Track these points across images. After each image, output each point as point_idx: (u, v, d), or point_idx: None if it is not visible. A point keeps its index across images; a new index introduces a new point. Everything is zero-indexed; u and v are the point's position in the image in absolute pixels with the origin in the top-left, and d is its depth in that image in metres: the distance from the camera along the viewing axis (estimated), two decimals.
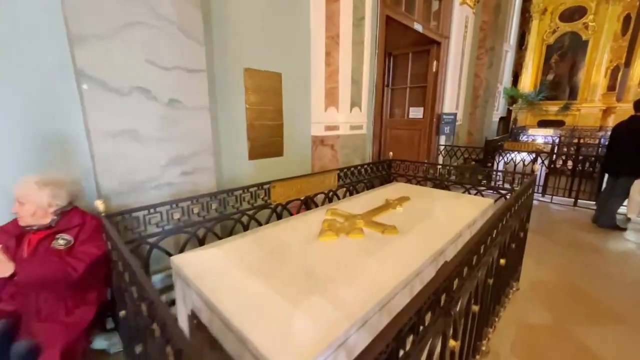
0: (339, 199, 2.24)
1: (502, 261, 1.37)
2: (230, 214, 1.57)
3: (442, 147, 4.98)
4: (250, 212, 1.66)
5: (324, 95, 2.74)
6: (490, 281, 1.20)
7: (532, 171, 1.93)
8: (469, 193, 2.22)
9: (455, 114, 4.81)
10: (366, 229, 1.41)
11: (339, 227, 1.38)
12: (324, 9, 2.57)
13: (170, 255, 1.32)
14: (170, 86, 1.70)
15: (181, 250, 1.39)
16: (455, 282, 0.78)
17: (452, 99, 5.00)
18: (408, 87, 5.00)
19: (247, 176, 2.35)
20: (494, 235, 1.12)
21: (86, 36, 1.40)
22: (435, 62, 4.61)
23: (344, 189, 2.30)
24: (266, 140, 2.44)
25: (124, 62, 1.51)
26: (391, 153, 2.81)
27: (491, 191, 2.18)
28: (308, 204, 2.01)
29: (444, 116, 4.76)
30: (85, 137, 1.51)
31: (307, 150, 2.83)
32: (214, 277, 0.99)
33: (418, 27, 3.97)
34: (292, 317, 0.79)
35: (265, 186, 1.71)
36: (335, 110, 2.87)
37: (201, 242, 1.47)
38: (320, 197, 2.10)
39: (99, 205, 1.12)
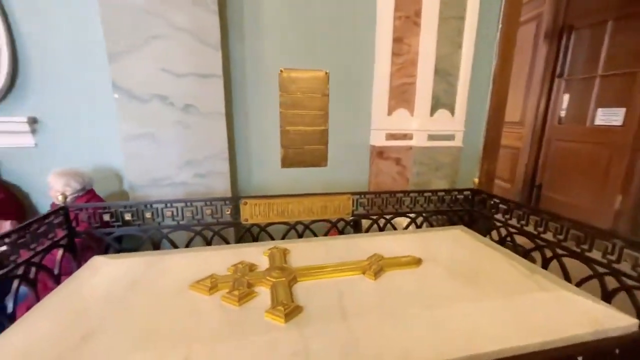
0: (352, 230, 1.68)
1: None
2: (190, 225, 1.47)
3: None
4: (216, 228, 1.50)
5: (389, 94, 2.12)
6: None
7: None
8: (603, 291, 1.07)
9: None
10: (264, 292, 0.94)
11: (235, 279, 0.99)
12: None
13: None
14: (185, 92, 1.78)
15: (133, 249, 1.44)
16: None
17: None
18: (598, 75, 3.15)
19: (279, 185, 2.18)
20: None
21: (118, 52, 1.67)
22: None
23: (370, 221, 1.69)
24: (304, 148, 2.17)
25: (144, 72, 1.71)
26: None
27: None
28: (302, 231, 1.60)
29: None
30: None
31: (363, 163, 2.31)
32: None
33: None
34: None
35: (231, 202, 1.49)
36: (408, 114, 2.18)
37: (156, 247, 1.47)
38: (322, 225, 1.63)
39: (59, 197, 1.33)
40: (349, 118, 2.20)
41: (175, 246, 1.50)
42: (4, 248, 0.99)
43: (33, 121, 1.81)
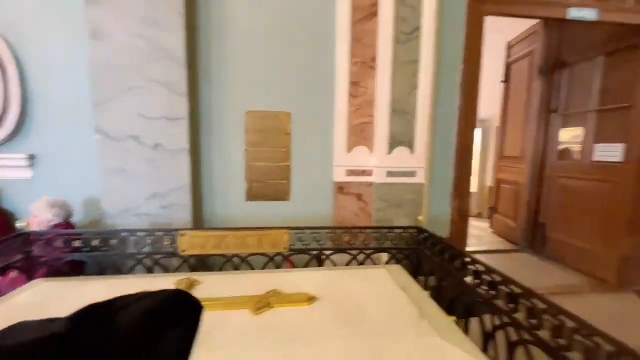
0: (294, 267, 1.70)
1: None
2: (130, 254, 1.60)
3: None
4: (157, 257, 1.61)
5: (348, 132, 2.22)
6: None
7: None
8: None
9: None
10: None
11: None
12: (349, 32, 2.13)
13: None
14: (155, 133, 2.02)
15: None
16: None
17: None
18: (594, 110, 3.01)
19: (243, 217, 2.28)
20: None
21: (100, 101, 1.96)
22: None
23: (308, 256, 1.71)
24: (267, 182, 2.28)
25: (122, 116, 1.97)
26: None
27: None
28: (239, 264, 1.66)
29: None
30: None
31: (327, 199, 2.35)
32: None
33: (585, 13, 2.38)
34: None
35: (173, 233, 1.60)
36: (367, 151, 2.24)
37: (102, 272, 1.60)
38: (260, 259, 1.67)
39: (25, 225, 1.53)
40: (311, 155, 2.30)
41: (120, 272, 1.62)
42: None
43: (31, 158, 2.13)
